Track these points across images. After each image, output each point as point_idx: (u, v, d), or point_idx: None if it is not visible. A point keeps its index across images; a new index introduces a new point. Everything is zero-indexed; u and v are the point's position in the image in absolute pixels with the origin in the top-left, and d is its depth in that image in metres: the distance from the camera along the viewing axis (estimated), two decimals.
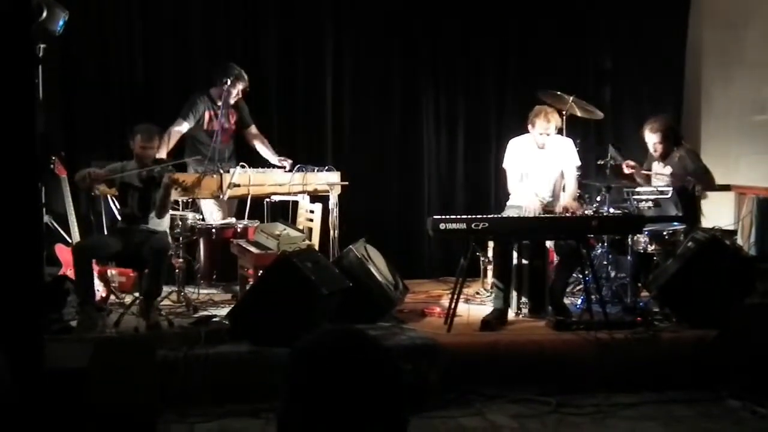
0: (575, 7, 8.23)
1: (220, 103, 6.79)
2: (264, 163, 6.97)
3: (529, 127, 6.32)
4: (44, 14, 5.79)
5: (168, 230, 6.11)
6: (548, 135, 6.26)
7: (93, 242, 6.05)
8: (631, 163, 6.74)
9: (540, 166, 6.39)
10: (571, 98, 6.80)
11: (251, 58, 7.51)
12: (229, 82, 6.71)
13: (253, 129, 7.13)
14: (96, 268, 5.95)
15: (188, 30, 7.53)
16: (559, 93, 6.80)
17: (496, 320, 5.88)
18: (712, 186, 6.81)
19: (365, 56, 7.91)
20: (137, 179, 5.89)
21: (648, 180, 6.78)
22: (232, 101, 6.87)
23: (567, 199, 6.37)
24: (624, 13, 8.34)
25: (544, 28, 8.16)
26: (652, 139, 6.65)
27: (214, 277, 6.87)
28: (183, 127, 6.82)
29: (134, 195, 5.92)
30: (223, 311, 5.94)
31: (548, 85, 6.97)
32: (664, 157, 6.66)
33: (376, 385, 1.63)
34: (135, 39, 7.40)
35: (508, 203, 6.51)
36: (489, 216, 5.92)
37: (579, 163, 6.47)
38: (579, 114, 7.00)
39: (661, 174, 6.69)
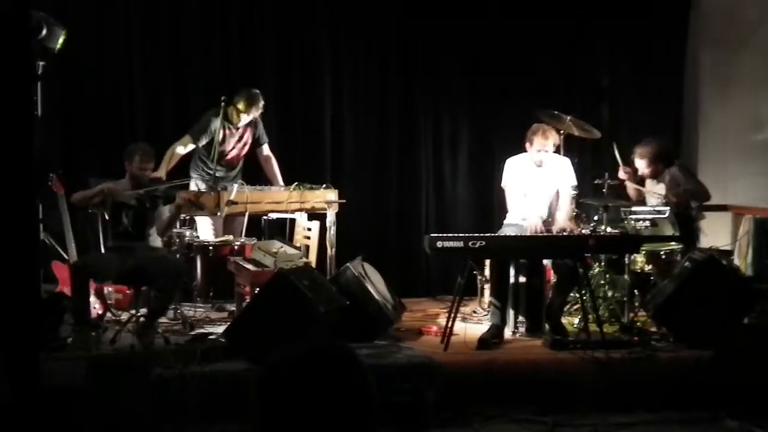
0: (574, 27, 8.26)
1: (239, 123, 6.82)
2: (262, 181, 6.98)
3: (527, 144, 6.33)
4: (44, 32, 5.82)
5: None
6: (546, 152, 6.28)
7: (93, 262, 5.97)
8: (629, 169, 6.79)
9: (537, 185, 6.38)
10: (569, 118, 6.80)
11: (248, 75, 7.52)
12: (241, 106, 6.73)
13: (266, 149, 7.12)
14: (93, 285, 5.94)
15: (187, 49, 7.57)
16: (556, 113, 6.81)
17: (493, 338, 5.87)
18: (705, 196, 6.82)
19: (364, 74, 7.94)
20: (133, 198, 5.90)
21: (639, 195, 6.82)
22: (241, 125, 6.88)
23: (563, 219, 6.37)
24: (623, 33, 8.37)
25: (543, 48, 8.19)
26: (640, 164, 6.79)
27: (211, 294, 6.87)
28: (189, 147, 6.80)
29: (128, 213, 5.90)
30: (220, 329, 5.90)
31: (546, 104, 6.98)
32: (655, 177, 6.74)
33: (344, 400, 1.63)
34: (134, 57, 7.43)
35: (505, 222, 6.51)
36: (486, 234, 5.92)
37: (575, 183, 6.47)
38: (576, 133, 7.01)
39: (653, 192, 6.72)
